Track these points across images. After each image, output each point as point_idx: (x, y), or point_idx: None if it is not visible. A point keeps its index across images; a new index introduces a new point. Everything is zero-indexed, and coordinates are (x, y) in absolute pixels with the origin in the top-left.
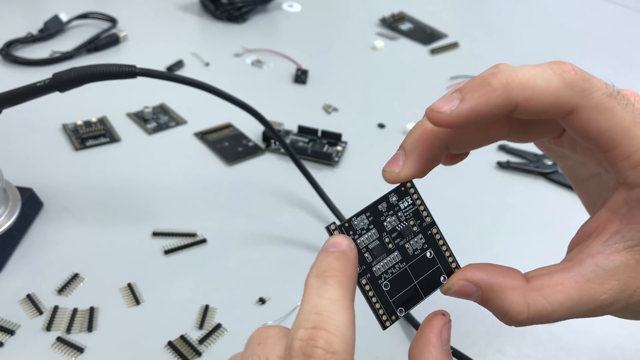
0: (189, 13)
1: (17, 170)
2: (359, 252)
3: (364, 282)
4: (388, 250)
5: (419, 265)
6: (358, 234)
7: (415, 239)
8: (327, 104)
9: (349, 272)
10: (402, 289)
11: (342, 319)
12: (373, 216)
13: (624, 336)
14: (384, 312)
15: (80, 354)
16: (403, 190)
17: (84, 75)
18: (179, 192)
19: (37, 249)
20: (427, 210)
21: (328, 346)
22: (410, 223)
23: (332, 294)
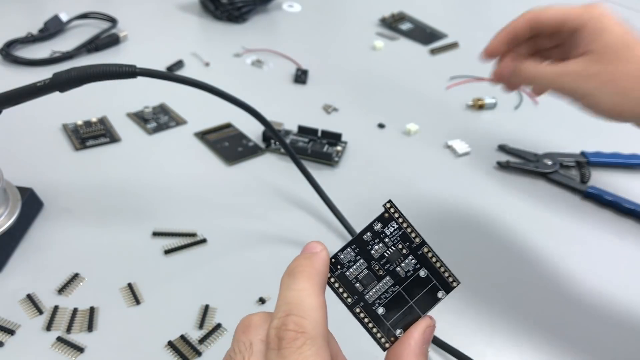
0: (189, 13)
1: (17, 170)
2: (349, 284)
3: (358, 310)
4: (379, 277)
5: (413, 286)
6: (346, 267)
7: (406, 261)
8: (327, 104)
9: (316, 266)
10: (398, 311)
11: (309, 304)
12: (359, 247)
13: (624, 336)
14: (382, 335)
15: (80, 353)
16: (387, 217)
17: (84, 75)
18: (179, 192)
19: (37, 249)
20: (415, 231)
21: (297, 327)
22: (399, 247)
23: (300, 285)
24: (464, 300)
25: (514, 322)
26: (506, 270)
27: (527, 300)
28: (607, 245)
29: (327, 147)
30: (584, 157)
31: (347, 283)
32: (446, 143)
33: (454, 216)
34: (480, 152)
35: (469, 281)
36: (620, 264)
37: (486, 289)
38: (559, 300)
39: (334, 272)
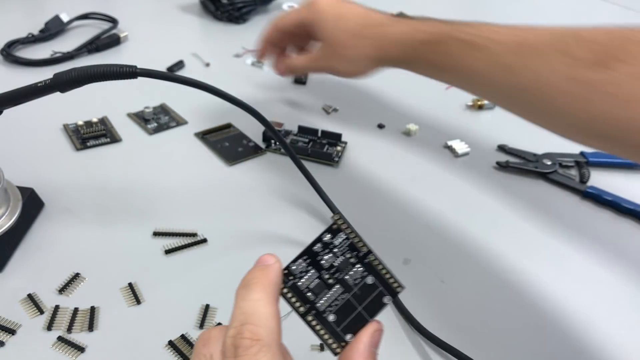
0: (190, 13)
1: (18, 170)
2: (301, 293)
3: (310, 318)
4: (329, 285)
5: (361, 292)
6: (298, 277)
7: (354, 269)
8: (327, 104)
9: (270, 277)
10: (348, 317)
11: (264, 313)
12: (310, 258)
13: (624, 336)
14: (333, 341)
15: (81, 353)
16: (335, 228)
17: (84, 75)
18: (179, 192)
19: (38, 249)
20: (362, 241)
21: (253, 335)
22: (347, 256)
23: (255, 296)
24: (464, 300)
25: (513, 321)
26: (505, 270)
27: (526, 299)
28: (606, 244)
29: (327, 147)
30: (583, 157)
31: (299, 293)
32: (446, 143)
33: (453, 216)
34: (479, 152)
35: (469, 281)
36: (619, 264)
37: (485, 289)
38: (559, 299)
39: (286, 283)
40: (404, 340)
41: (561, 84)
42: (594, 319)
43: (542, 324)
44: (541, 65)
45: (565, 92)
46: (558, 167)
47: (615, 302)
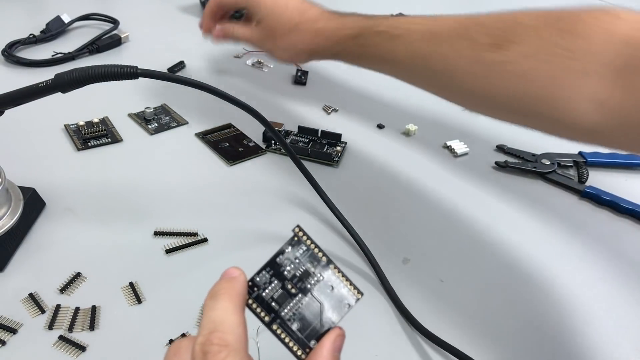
0: (190, 14)
1: (19, 170)
2: (266, 303)
3: (275, 327)
4: (292, 295)
5: (323, 300)
6: (262, 288)
7: (315, 278)
8: (326, 104)
9: (237, 288)
10: (311, 324)
11: (232, 321)
12: (273, 269)
13: (623, 336)
14: (298, 348)
15: (82, 352)
16: (296, 240)
17: (85, 76)
18: (180, 192)
19: (40, 248)
20: (322, 251)
21: (221, 341)
22: (308, 266)
23: (222, 305)
24: (464, 299)
25: (512, 320)
26: (504, 270)
27: (526, 299)
28: (605, 244)
29: (327, 148)
30: (582, 157)
31: (264, 303)
32: (445, 143)
33: (452, 216)
34: (478, 152)
35: (468, 280)
36: (617, 263)
37: (485, 289)
38: (558, 299)
39: (251, 294)
40: (403, 339)
41: (466, 66)
42: (592, 318)
43: (540, 322)
44: (449, 50)
45: (470, 73)
46: (556, 167)
47: (613, 300)
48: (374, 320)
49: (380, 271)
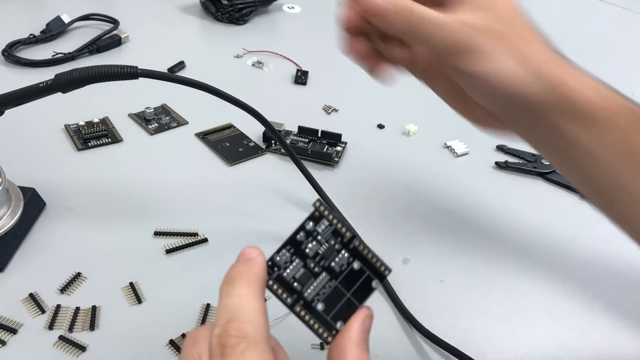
0: (190, 14)
1: (19, 170)
2: (288, 284)
3: (299, 309)
4: (315, 274)
5: (348, 279)
6: (283, 268)
7: (339, 256)
8: (327, 104)
9: (254, 270)
10: (337, 304)
11: (250, 309)
12: (294, 247)
13: (624, 336)
14: (324, 331)
15: (82, 352)
16: (317, 215)
17: (86, 76)
18: (180, 192)
19: (40, 249)
20: (345, 226)
21: (239, 332)
22: (331, 242)
23: (239, 291)
24: (464, 300)
25: (513, 320)
26: (505, 270)
27: (526, 299)
28: (606, 244)
29: (327, 148)
30: None
31: (285, 284)
32: (445, 143)
33: (453, 216)
34: (478, 152)
35: (467, 280)
36: (619, 263)
37: (485, 288)
38: (558, 298)
39: (271, 275)
40: (403, 340)
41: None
42: (593, 319)
43: (541, 323)
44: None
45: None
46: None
47: (614, 301)
48: (374, 320)
49: None
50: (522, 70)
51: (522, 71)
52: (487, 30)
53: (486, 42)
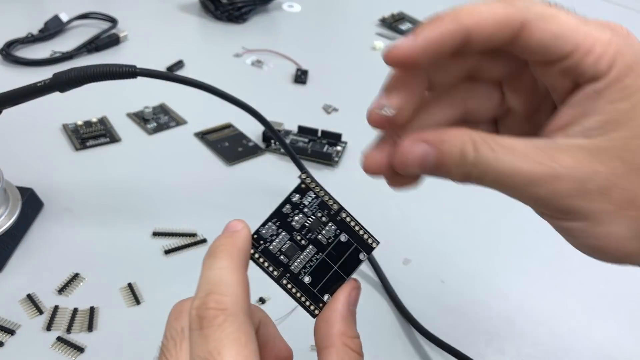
0: (189, 13)
1: (17, 170)
2: (274, 257)
3: (285, 282)
4: (302, 247)
5: (335, 251)
6: (269, 241)
7: (326, 228)
8: (327, 104)
9: (238, 244)
10: (324, 277)
11: (230, 281)
12: (280, 220)
13: (624, 336)
14: (310, 303)
15: (80, 353)
16: (304, 187)
17: (84, 75)
18: (179, 192)
19: (38, 249)
20: (332, 199)
21: (218, 305)
22: (318, 215)
23: (221, 264)
24: (465, 300)
25: (514, 321)
26: (506, 270)
27: (527, 299)
28: None
29: (327, 147)
30: None
31: (272, 256)
32: None
33: (453, 216)
34: None
35: (469, 281)
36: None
37: (485, 289)
38: (559, 299)
39: (257, 248)
40: (403, 340)
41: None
42: (595, 319)
43: (542, 323)
44: None
45: None
46: None
47: (616, 301)
48: (374, 320)
49: (380, 272)
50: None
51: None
52: (612, 184)
53: (602, 207)
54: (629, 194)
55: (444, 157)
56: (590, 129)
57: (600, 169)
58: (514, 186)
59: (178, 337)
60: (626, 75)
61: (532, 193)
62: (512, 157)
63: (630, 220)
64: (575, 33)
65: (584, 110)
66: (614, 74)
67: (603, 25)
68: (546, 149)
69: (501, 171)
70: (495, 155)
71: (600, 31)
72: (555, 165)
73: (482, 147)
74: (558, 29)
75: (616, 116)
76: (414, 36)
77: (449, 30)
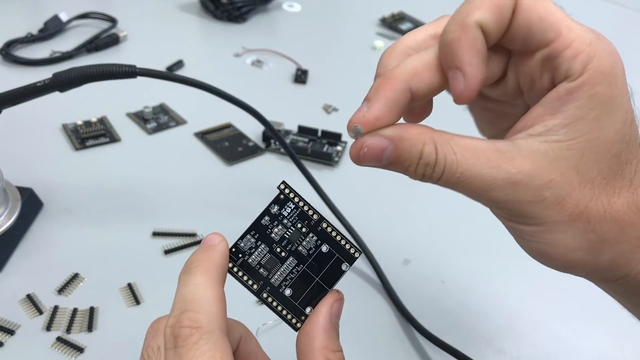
0: (189, 13)
1: (17, 170)
2: (253, 270)
3: (265, 295)
4: (282, 259)
5: (317, 262)
6: (247, 254)
7: (307, 239)
8: (327, 104)
9: (213, 258)
10: (306, 289)
11: (204, 297)
12: (258, 233)
13: (624, 336)
14: (292, 317)
15: (80, 353)
16: (283, 198)
17: (84, 75)
18: (179, 192)
19: (37, 249)
20: (312, 209)
21: (192, 323)
22: (298, 226)
23: (196, 280)
24: (465, 301)
25: (514, 321)
26: (506, 270)
27: (527, 300)
28: None
29: (327, 147)
30: None
31: (251, 270)
32: None
33: (454, 217)
34: None
35: (469, 282)
36: None
37: (485, 289)
38: (560, 299)
39: (235, 262)
40: (403, 340)
41: None
42: (595, 319)
43: (542, 323)
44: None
45: None
46: None
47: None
48: (374, 321)
49: (380, 272)
50: (586, 252)
51: (585, 253)
52: (566, 185)
53: (555, 216)
54: (580, 206)
55: (402, 154)
56: (552, 130)
57: (557, 178)
58: (473, 189)
59: (154, 356)
60: (598, 82)
61: (491, 197)
62: (473, 161)
63: (579, 232)
64: (559, 22)
65: (552, 109)
66: (587, 77)
67: (589, 29)
68: (507, 152)
69: (461, 174)
70: (456, 158)
71: (583, 31)
72: (515, 171)
73: (443, 149)
74: (544, 13)
75: (580, 123)
76: (364, 108)
77: (392, 96)
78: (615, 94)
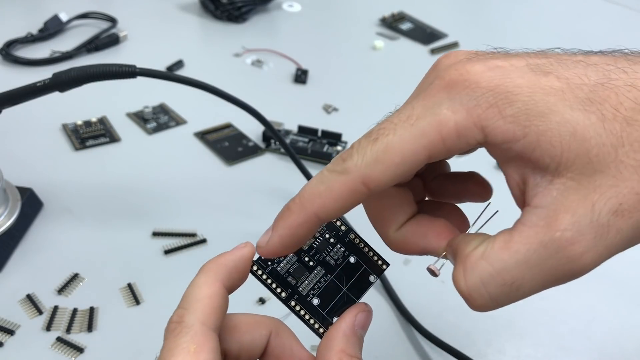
0: (189, 13)
1: (17, 170)
2: (282, 278)
3: (293, 303)
4: (310, 268)
5: (345, 273)
6: (276, 262)
7: (334, 250)
8: (327, 103)
9: (222, 260)
10: (333, 299)
11: (195, 295)
12: None
13: (624, 336)
14: (319, 326)
15: (80, 354)
16: None
17: (84, 75)
18: (179, 192)
19: (37, 249)
20: (340, 220)
21: (178, 318)
22: (326, 236)
23: (199, 280)
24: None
25: (514, 321)
26: None
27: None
28: None
29: (327, 147)
30: None
31: (280, 278)
32: None
33: None
34: (480, 151)
35: None
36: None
37: None
38: (559, 299)
39: (265, 269)
40: (404, 340)
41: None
42: (595, 319)
43: (542, 323)
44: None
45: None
46: None
47: (616, 301)
48: (374, 320)
49: None
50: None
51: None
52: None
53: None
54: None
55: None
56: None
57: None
58: (528, 266)
59: None
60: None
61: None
62: (507, 250)
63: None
64: None
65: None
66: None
67: None
68: (539, 221)
69: (503, 266)
70: (490, 261)
71: None
72: (560, 232)
73: (476, 268)
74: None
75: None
76: (269, 234)
77: (298, 224)
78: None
